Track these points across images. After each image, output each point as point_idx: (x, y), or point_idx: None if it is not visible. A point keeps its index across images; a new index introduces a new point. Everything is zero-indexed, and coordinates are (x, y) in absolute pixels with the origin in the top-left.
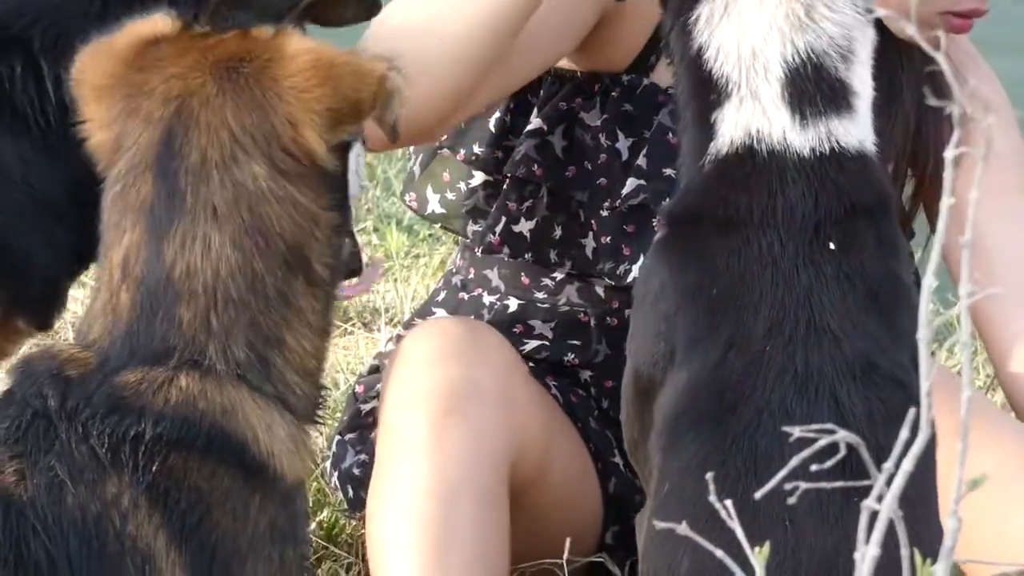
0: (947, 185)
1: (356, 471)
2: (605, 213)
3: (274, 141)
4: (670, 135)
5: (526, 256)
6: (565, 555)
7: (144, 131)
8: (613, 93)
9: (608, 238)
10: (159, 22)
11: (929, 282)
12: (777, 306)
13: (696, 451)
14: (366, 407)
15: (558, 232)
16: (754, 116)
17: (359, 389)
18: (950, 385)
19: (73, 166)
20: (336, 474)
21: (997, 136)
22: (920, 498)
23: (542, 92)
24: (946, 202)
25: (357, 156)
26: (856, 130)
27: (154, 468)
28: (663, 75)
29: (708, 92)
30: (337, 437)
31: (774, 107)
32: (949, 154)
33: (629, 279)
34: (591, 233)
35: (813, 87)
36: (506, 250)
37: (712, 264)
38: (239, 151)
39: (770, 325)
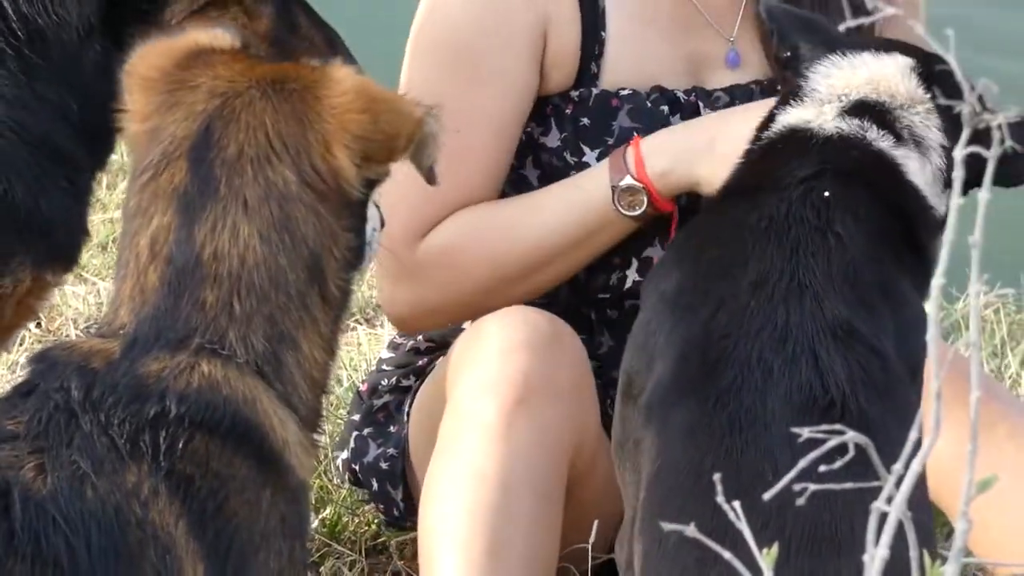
0: (956, 185)
1: (383, 464)
2: None
3: (305, 155)
4: (635, 134)
5: None
6: (591, 538)
7: (182, 123)
8: (566, 111)
9: None
10: (219, 36)
11: (938, 282)
12: (766, 260)
13: (683, 419)
14: (378, 402)
15: None
16: (808, 113)
17: (363, 388)
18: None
19: (65, 93)
20: (358, 467)
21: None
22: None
23: None
24: (955, 201)
25: (373, 229)
26: (897, 151)
27: (176, 452)
28: (611, 78)
29: (790, 98)
30: (355, 432)
31: (830, 112)
32: (959, 153)
33: (628, 285)
34: None
35: (869, 115)
36: None
37: (717, 226)
38: (272, 155)
39: (756, 278)
